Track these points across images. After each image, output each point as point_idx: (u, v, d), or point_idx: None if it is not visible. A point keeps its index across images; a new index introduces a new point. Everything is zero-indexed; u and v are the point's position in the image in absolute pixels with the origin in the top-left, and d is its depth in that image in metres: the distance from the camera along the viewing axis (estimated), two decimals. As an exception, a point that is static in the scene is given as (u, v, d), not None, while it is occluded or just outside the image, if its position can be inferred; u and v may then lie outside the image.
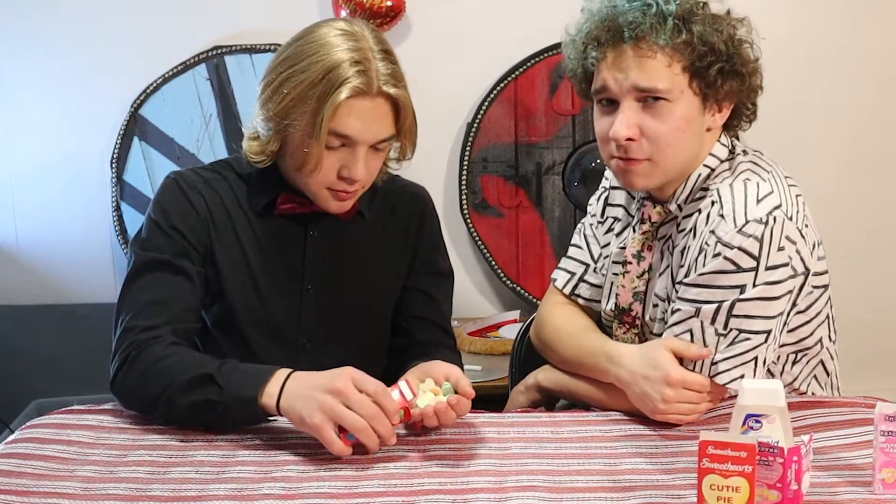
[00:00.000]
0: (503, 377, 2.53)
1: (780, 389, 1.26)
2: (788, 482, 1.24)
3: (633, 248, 1.66)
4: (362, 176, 1.58)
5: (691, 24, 1.50)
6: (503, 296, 3.10)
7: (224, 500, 1.30)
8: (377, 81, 1.54)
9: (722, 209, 1.51)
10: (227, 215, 1.67)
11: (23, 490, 1.31)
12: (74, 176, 3.04)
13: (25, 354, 2.99)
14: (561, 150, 2.96)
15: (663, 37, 1.49)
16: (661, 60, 1.50)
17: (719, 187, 1.55)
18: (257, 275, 1.67)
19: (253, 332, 1.68)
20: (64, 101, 3.01)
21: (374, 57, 1.55)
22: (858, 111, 3.08)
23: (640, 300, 1.65)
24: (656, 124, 1.52)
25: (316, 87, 1.52)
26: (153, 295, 1.59)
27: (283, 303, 1.69)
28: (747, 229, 1.47)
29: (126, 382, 1.53)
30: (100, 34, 2.96)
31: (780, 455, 1.23)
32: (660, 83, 1.50)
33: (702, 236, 1.52)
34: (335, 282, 1.71)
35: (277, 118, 1.56)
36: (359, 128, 1.55)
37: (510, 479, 1.34)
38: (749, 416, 1.26)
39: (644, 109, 1.52)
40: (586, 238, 1.81)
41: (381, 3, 2.86)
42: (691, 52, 1.50)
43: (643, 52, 1.50)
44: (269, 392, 1.43)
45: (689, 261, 1.54)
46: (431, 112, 3.02)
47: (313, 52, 1.54)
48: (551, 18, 2.96)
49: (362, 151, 1.57)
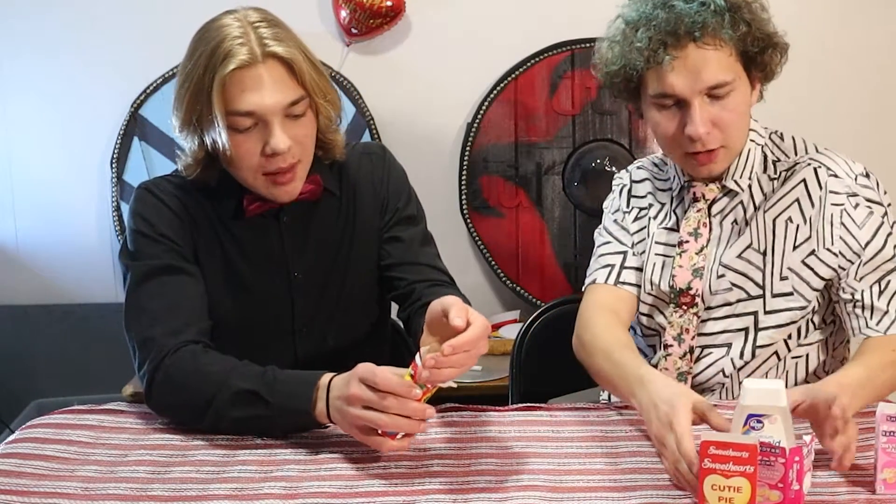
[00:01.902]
0: (503, 377, 2.53)
1: (781, 389, 1.27)
2: (790, 482, 1.23)
3: (688, 226, 1.70)
4: (284, 145, 1.52)
5: (743, 14, 1.58)
6: (503, 296, 3.09)
7: (224, 499, 1.29)
8: (260, 48, 1.50)
9: (830, 170, 1.64)
10: (204, 219, 1.65)
11: (23, 490, 1.31)
12: (74, 176, 3.04)
13: (25, 354, 2.98)
14: (561, 150, 2.96)
15: (727, 31, 1.55)
16: (724, 53, 1.57)
17: (811, 156, 1.67)
18: (243, 273, 1.66)
19: (248, 329, 1.66)
20: (64, 101, 3.00)
21: (254, 27, 1.52)
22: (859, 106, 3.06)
23: (700, 276, 1.67)
24: (726, 114, 1.60)
25: (205, 74, 1.50)
26: (162, 301, 1.56)
27: (273, 296, 1.68)
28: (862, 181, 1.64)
29: (165, 397, 1.51)
30: (100, 34, 2.96)
31: (782, 455, 1.23)
32: (727, 76, 1.58)
33: (823, 201, 1.63)
34: (321, 264, 1.69)
35: (186, 121, 1.55)
36: (255, 99, 1.50)
37: (511, 478, 1.34)
38: (751, 416, 1.27)
39: (713, 102, 1.59)
40: (612, 233, 1.81)
41: (381, 3, 2.86)
42: (748, 41, 1.58)
43: (707, 49, 1.56)
44: (319, 408, 1.42)
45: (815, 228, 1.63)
46: (431, 112, 3.05)
47: (200, 44, 1.53)
48: (551, 18, 2.99)
49: (276, 121, 1.52)
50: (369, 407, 1.34)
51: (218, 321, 1.64)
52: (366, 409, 1.35)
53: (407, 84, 2.98)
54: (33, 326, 3.00)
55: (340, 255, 1.70)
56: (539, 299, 2.93)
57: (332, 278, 1.70)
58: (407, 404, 1.33)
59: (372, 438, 1.36)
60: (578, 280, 2.95)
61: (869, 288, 1.60)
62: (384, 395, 1.33)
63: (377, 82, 2.94)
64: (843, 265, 1.61)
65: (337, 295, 1.71)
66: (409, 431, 1.35)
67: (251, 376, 1.46)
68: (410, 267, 1.71)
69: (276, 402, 1.44)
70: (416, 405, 1.33)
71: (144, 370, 1.51)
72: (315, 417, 1.43)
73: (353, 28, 2.89)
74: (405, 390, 1.32)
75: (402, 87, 2.99)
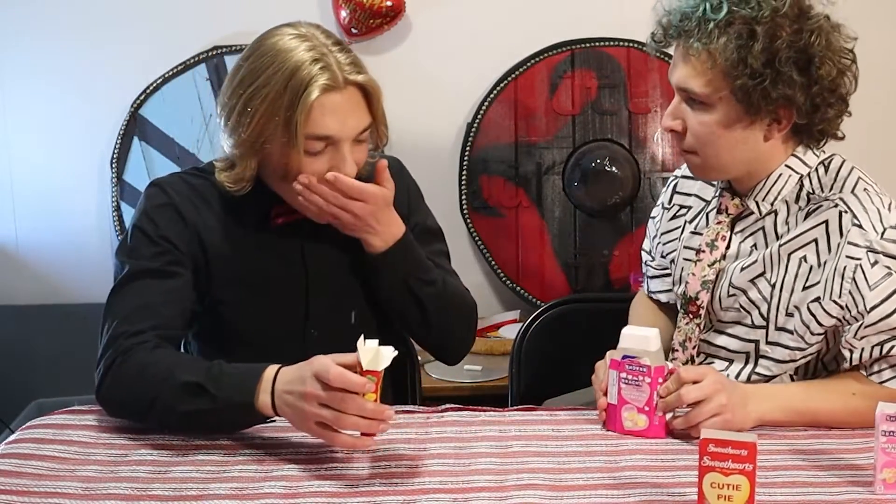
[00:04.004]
0: (503, 377, 2.53)
1: (655, 336, 1.47)
2: (655, 405, 1.45)
3: (707, 236, 1.67)
4: (353, 172, 1.56)
5: (731, 34, 1.47)
6: (503, 296, 3.09)
7: (225, 499, 1.30)
8: (341, 73, 1.51)
9: (856, 218, 1.51)
10: (219, 223, 1.64)
11: (23, 490, 1.31)
12: (74, 176, 3.04)
13: (25, 354, 2.98)
14: (561, 150, 2.96)
15: (702, 40, 1.49)
16: (701, 63, 1.51)
17: (842, 197, 1.54)
18: (257, 282, 1.65)
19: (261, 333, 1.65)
20: (64, 101, 3.00)
21: (330, 51, 1.52)
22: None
23: (708, 290, 1.65)
24: (697, 126, 1.56)
25: (282, 96, 1.50)
26: (139, 301, 1.55)
27: (289, 301, 1.67)
28: (891, 234, 1.50)
29: (112, 392, 1.49)
30: (100, 34, 2.96)
31: (649, 374, 1.45)
32: (695, 86, 1.52)
33: (840, 249, 1.51)
34: (339, 273, 1.68)
35: (250, 141, 1.53)
36: (337, 125, 1.52)
37: (511, 477, 1.34)
38: (626, 357, 1.47)
39: (689, 106, 1.56)
40: (650, 236, 1.86)
41: (381, 3, 2.86)
42: (730, 62, 1.48)
43: (684, 51, 1.53)
44: (262, 400, 1.40)
45: (826, 276, 1.52)
46: (431, 112, 3.05)
47: (269, 64, 1.51)
48: (551, 18, 2.99)
49: (346, 148, 1.54)
50: (327, 405, 1.33)
51: (232, 325, 1.64)
52: (323, 408, 1.33)
53: (407, 84, 2.98)
54: (33, 326, 3.00)
55: (358, 264, 1.69)
56: (539, 299, 2.93)
57: (349, 287, 1.70)
58: (365, 405, 1.31)
59: (329, 437, 1.34)
60: (578, 280, 2.96)
61: (870, 348, 1.52)
62: (342, 394, 1.31)
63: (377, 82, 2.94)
64: (847, 319, 1.52)
65: (352, 303, 1.70)
66: (367, 431, 1.33)
67: (197, 369, 1.45)
68: None
69: (220, 395, 1.41)
70: (374, 406, 1.31)
71: (100, 366, 1.51)
72: (258, 410, 1.40)
73: (353, 28, 2.89)
74: (359, 386, 1.30)
75: (402, 87, 2.98)
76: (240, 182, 1.59)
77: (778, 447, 1.44)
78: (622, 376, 1.48)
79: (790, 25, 1.48)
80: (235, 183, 1.59)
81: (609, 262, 2.96)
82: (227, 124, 1.56)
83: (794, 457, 1.41)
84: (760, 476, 1.25)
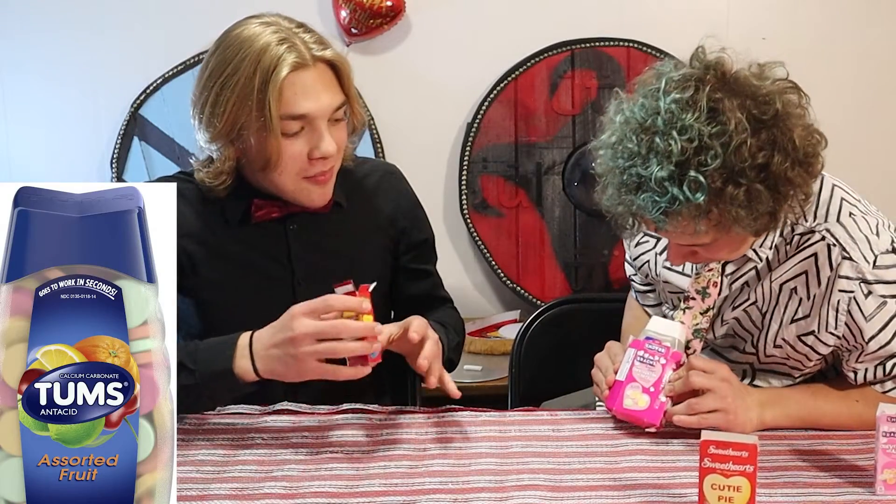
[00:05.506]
0: (503, 377, 2.53)
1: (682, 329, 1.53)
2: (660, 390, 1.46)
3: (698, 283, 1.59)
4: (333, 149, 1.55)
5: (719, 198, 1.34)
6: (503, 296, 3.09)
7: (225, 499, 1.30)
8: (308, 51, 1.52)
9: (845, 251, 1.47)
10: (204, 225, 1.64)
11: (23, 489, 1.31)
12: (75, 176, 3.03)
13: (25, 354, 2.98)
14: (561, 150, 2.96)
15: (696, 218, 1.36)
16: (687, 222, 1.37)
17: (828, 227, 1.49)
18: (245, 281, 1.66)
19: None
20: (64, 101, 3.00)
21: (294, 32, 1.53)
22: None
23: (701, 338, 1.60)
24: (704, 254, 1.47)
25: (252, 80, 1.50)
26: None
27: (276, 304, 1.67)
28: (884, 259, 1.46)
29: None
30: (100, 34, 2.96)
31: (665, 356, 1.48)
32: (699, 239, 1.42)
33: (831, 283, 1.48)
34: (324, 274, 1.67)
35: (226, 131, 1.54)
36: (310, 103, 1.52)
37: (511, 477, 1.34)
38: (648, 338, 1.51)
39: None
40: (627, 254, 1.80)
41: (381, 3, 2.86)
42: (724, 214, 1.36)
43: (679, 224, 1.38)
44: (241, 366, 1.43)
45: (820, 310, 1.50)
46: (431, 112, 3.05)
47: (236, 52, 1.53)
48: (551, 18, 2.99)
49: (323, 125, 1.54)
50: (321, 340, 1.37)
51: (220, 325, 1.64)
52: (318, 342, 1.37)
53: (407, 84, 2.98)
54: (33, 326, 3.00)
55: (346, 265, 1.69)
56: (539, 299, 2.93)
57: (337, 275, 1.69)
58: (357, 325, 1.37)
59: (330, 373, 1.39)
60: (578, 280, 2.96)
61: (873, 368, 1.51)
62: (335, 321, 1.37)
63: (377, 82, 2.94)
64: (846, 346, 1.51)
65: None
66: (363, 353, 1.38)
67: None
68: (425, 300, 1.79)
69: (199, 369, 1.45)
70: (366, 323, 1.38)
71: None
72: (238, 376, 1.43)
73: (353, 28, 2.89)
74: (356, 305, 1.38)
75: (402, 87, 2.99)
76: (220, 176, 1.60)
77: (778, 448, 1.44)
78: (639, 354, 1.50)
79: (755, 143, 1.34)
80: (216, 178, 1.60)
81: (609, 262, 2.96)
82: (201, 119, 1.57)
83: (795, 458, 1.41)
84: (761, 477, 1.25)
